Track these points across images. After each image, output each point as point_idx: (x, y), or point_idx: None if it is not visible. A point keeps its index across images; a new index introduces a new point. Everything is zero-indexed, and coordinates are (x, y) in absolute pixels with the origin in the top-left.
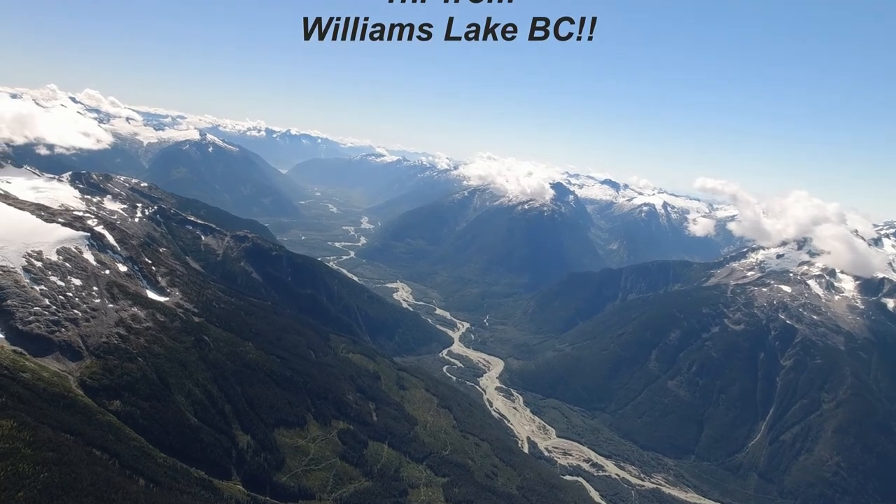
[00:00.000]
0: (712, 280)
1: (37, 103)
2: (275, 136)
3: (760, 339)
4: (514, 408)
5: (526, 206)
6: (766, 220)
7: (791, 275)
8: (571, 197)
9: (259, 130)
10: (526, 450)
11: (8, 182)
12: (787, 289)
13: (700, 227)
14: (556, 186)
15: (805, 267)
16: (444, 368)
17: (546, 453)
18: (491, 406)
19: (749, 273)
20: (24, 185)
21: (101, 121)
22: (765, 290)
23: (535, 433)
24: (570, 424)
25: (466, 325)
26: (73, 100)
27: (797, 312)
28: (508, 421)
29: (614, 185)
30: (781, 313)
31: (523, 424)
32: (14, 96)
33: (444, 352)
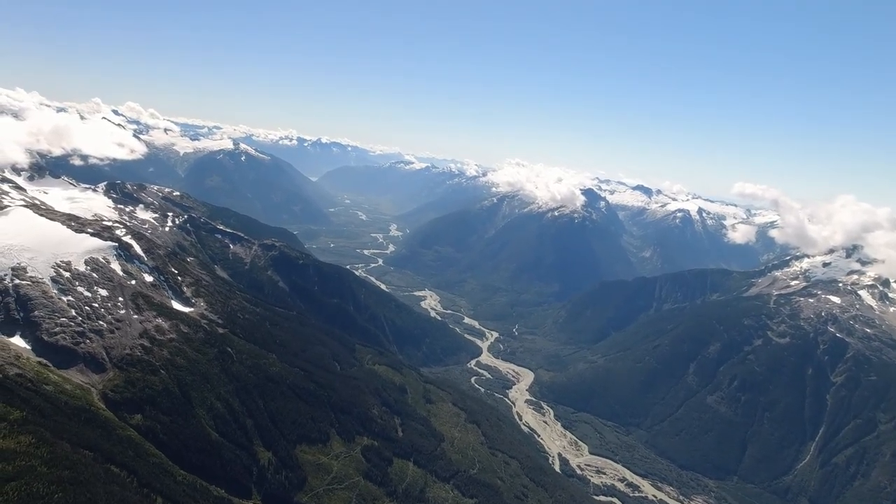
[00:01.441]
0: (753, 290)
1: (81, 116)
2: (306, 144)
3: (808, 353)
4: (545, 422)
5: (556, 213)
6: (811, 227)
7: (840, 284)
8: (602, 203)
9: (291, 139)
10: (557, 467)
11: (45, 192)
12: (835, 299)
13: (740, 233)
14: (587, 193)
15: (855, 276)
16: (473, 380)
17: (578, 471)
18: (520, 420)
19: (793, 282)
20: (61, 195)
21: (140, 132)
22: (811, 300)
23: (567, 449)
24: (604, 440)
25: (495, 334)
26: (116, 112)
27: (848, 325)
28: (538, 436)
29: (646, 190)
30: (831, 326)
31: (554, 440)
32: (61, 110)
33: (473, 362)
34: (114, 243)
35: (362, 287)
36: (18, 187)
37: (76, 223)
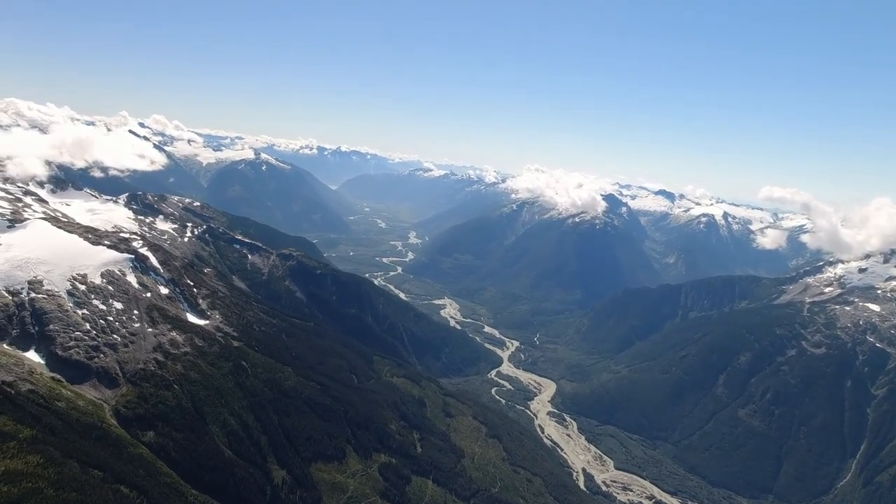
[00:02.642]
0: (784, 297)
1: (107, 128)
2: (326, 153)
3: (846, 364)
4: (568, 435)
5: (577, 219)
6: (845, 231)
7: (878, 291)
8: (624, 209)
9: (311, 148)
10: (582, 484)
11: (67, 204)
12: (874, 307)
13: (769, 239)
14: (608, 198)
15: (894, 283)
16: (493, 391)
17: (604, 488)
18: (542, 432)
19: (827, 289)
20: (82, 206)
21: (164, 143)
22: (848, 308)
23: (591, 464)
24: (629, 455)
25: (516, 343)
26: (142, 125)
27: (889, 334)
28: (562, 450)
29: (669, 195)
30: (870, 335)
31: (578, 454)
32: (90, 123)
33: (493, 372)
34: (130, 255)
35: (381, 296)
36: (41, 200)
37: (93, 235)
